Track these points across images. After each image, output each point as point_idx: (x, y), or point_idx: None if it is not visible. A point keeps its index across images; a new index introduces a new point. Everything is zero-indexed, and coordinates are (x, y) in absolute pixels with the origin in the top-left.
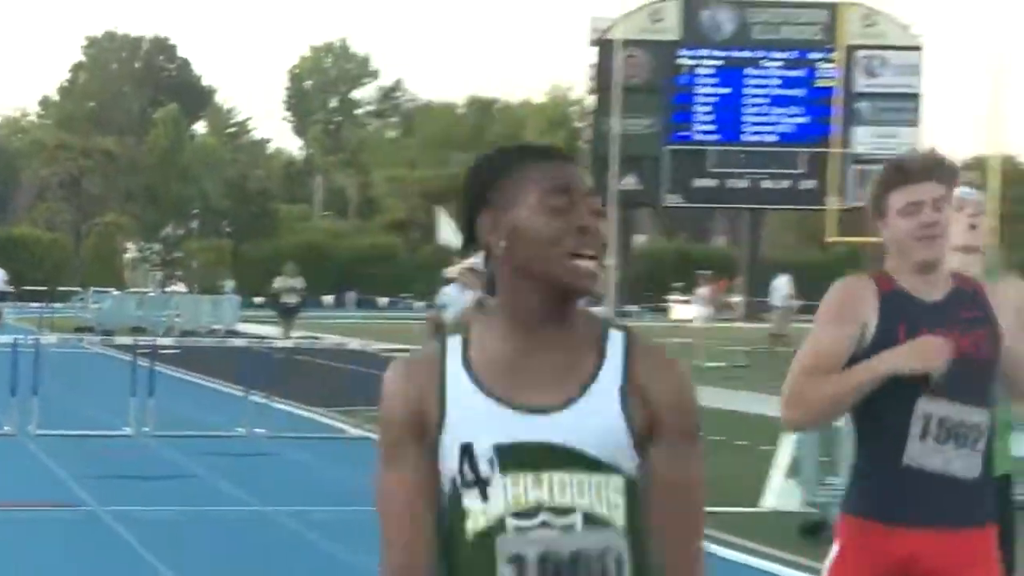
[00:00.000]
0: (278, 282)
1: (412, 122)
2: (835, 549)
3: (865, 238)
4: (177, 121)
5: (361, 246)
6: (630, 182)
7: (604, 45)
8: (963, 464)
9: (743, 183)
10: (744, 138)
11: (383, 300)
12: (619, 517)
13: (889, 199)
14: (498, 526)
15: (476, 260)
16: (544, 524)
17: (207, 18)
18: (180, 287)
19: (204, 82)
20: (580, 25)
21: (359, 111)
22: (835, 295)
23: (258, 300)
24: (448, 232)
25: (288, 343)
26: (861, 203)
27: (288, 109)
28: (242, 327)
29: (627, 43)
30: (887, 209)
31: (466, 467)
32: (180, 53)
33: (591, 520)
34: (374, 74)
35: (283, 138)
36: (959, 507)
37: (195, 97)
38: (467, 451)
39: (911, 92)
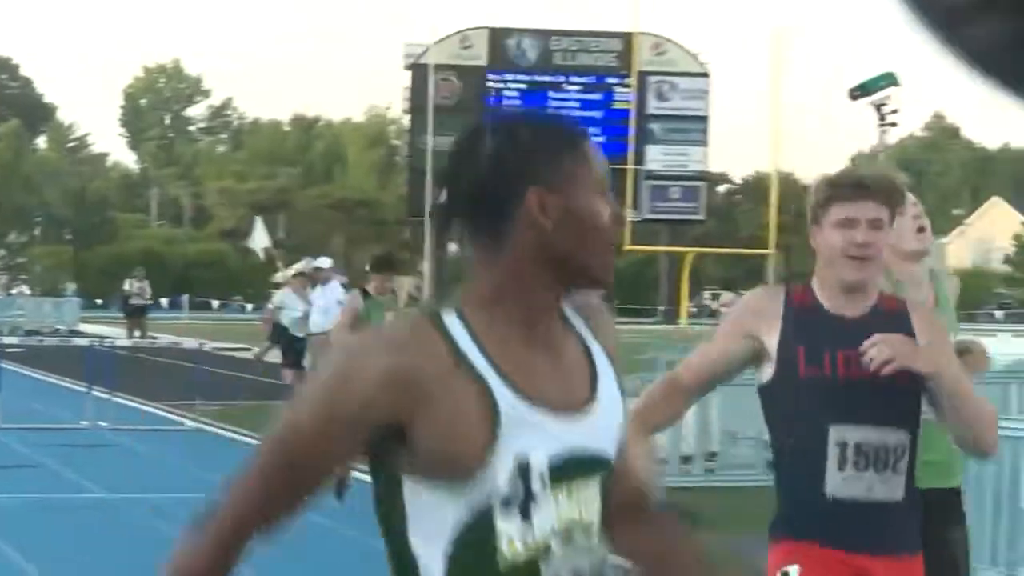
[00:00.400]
0: (127, 285)
1: (241, 138)
2: (792, 571)
3: (656, 248)
4: (19, 135)
5: (194, 252)
6: (444, 195)
7: (418, 69)
8: (886, 488)
9: None
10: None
11: (216, 303)
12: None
13: (828, 210)
14: (544, 550)
15: (304, 266)
16: (576, 544)
17: (49, 39)
18: (24, 290)
19: (46, 99)
20: (395, 50)
21: (191, 127)
22: (738, 307)
23: (99, 302)
24: (261, 239)
25: (127, 342)
26: (653, 216)
27: (124, 125)
28: (84, 327)
29: (439, 67)
30: (823, 220)
31: (519, 484)
32: (23, 72)
33: (599, 532)
34: (206, 93)
35: (120, 152)
36: (894, 533)
37: (37, 113)
38: (524, 466)
39: (699, 115)
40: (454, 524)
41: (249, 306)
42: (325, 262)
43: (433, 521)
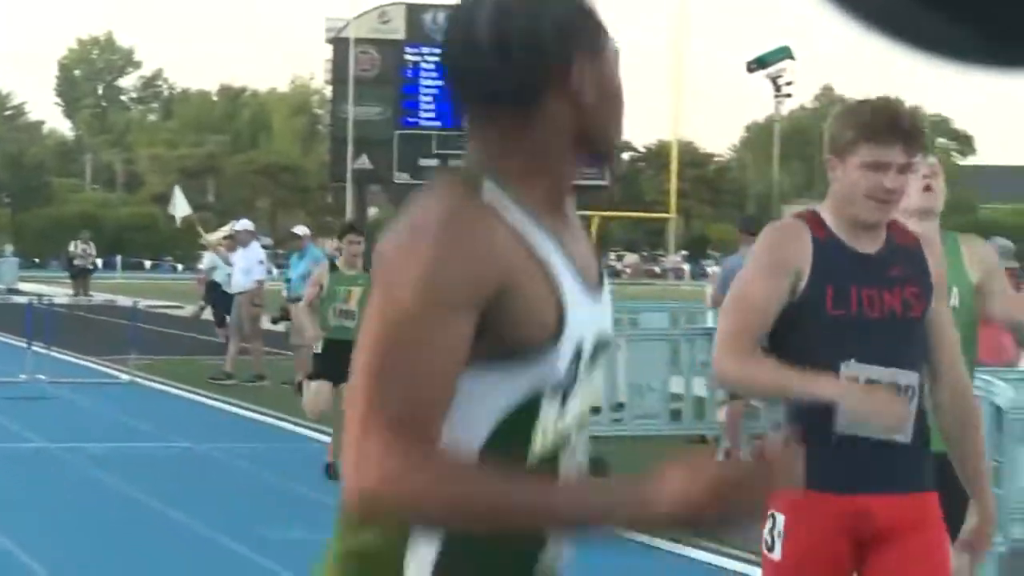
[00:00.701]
0: (73, 247)
1: (171, 107)
2: (779, 520)
3: None
4: None
5: (127, 215)
6: (364, 162)
7: (339, 43)
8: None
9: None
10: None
11: (148, 263)
12: None
13: (856, 147)
14: (566, 439)
15: (232, 229)
16: (583, 432)
17: None
18: None
19: None
20: (317, 24)
21: (124, 97)
22: (768, 240)
23: (36, 261)
24: (182, 207)
25: (65, 300)
26: None
27: (59, 95)
28: (23, 286)
29: (359, 41)
30: (847, 156)
31: (572, 368)
32: None
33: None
34: (137, 64)
35: (56, 120)
36: (900, 471)
37: None
38: (579, 349)
39: None
40: (498, 412)
41: (179, 266)
42: (244, 224)
43: (476, 410)
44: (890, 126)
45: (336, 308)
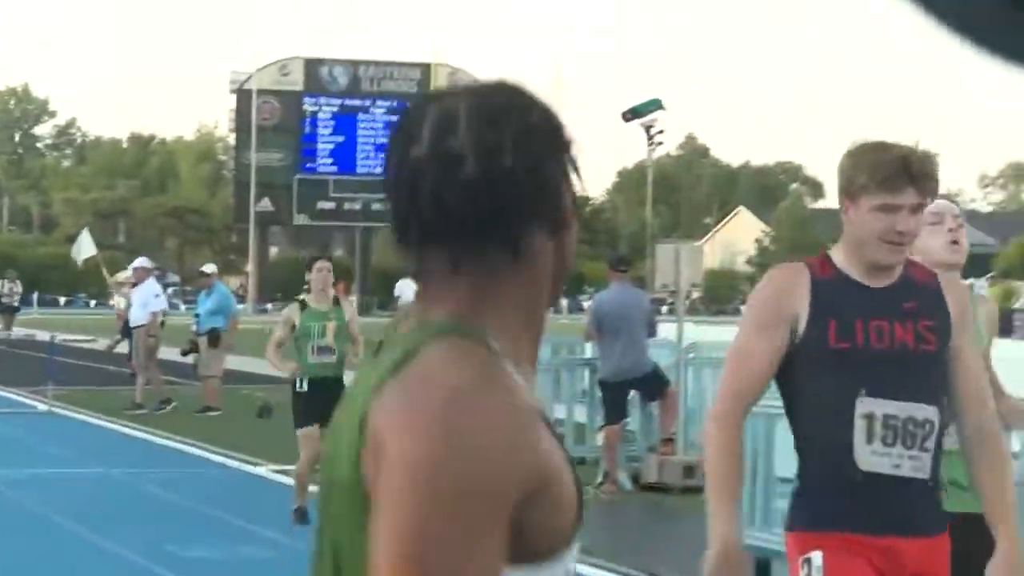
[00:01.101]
0: (0, 285)
1: (84, 153)
2: (815, 559)
3: None
4: None
5: (42, 255)
6: (266, 205)
7: (242, 93)
8: (914, 465)
9: (357, 205)
10: (358, 170)
11: (62, 299)
12: None
13: (867, 190)
14: None
15: (129, 272)
16: None
17: None
18: None
19: None
20: (222, 76)
21: (39, 144)
22: (763, 291)
23: None
24: (88, 249)
25: None
26: None
27: None
28: None
29: (261, 92)
30: (860, 198)
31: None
32: None
33: None
34: (52, 114)
35: None
36: (921, 513)
37: None
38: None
39: None
40: None
41: (92, 302)
42: (140, 262)
43: None
44: (901, 169)
45: (314, 346)
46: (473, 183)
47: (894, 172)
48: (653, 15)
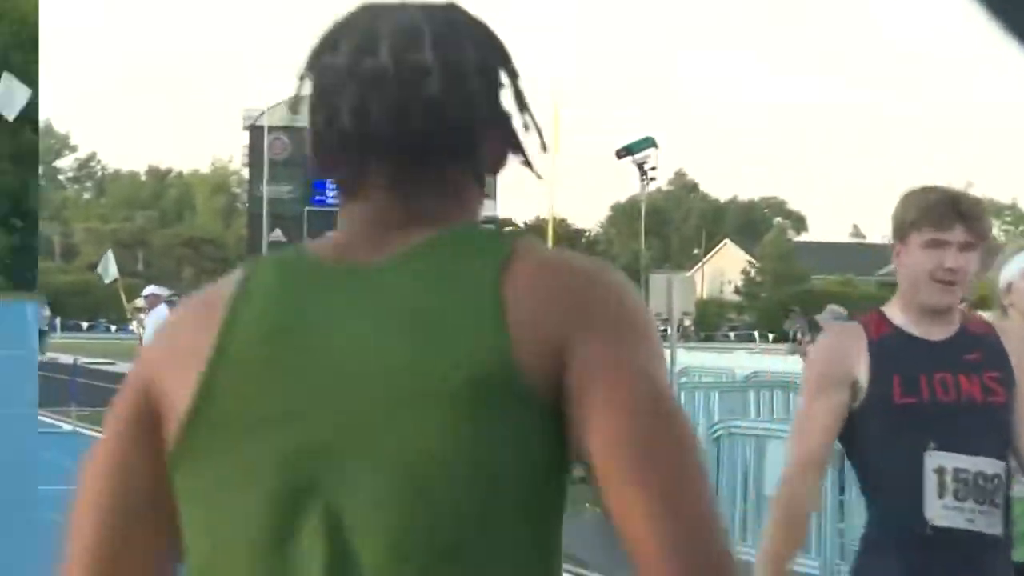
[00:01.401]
0: None
1: (104, 186)
2: None
3: None
4: None
5: (64, 282)
6: (278, 235)
7: (255, 130)
8: (987, 520)
9: None
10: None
11: (84, 324)
12: None
13: (918, 229)
14: None
15: (152, 292)
16: None
17: None
18: None
19: None
20: (236, 113)
21: (61, 177)
22: (821, 354)
23: None
24: (112, 270)
25: None
26: None
27: None
28: None
29: (272, 128)
30: (910, 238)
31: None
32: None
33: None
34: (73, 148)
35: None
36: (990, 567)
37: None
38: None
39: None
40: None
41: (113, 327)
42: (152, 289)
43: None
44: (950, 206)
45: None
46: (437, 98)
47: (943, 209)
48: (650, 54)
